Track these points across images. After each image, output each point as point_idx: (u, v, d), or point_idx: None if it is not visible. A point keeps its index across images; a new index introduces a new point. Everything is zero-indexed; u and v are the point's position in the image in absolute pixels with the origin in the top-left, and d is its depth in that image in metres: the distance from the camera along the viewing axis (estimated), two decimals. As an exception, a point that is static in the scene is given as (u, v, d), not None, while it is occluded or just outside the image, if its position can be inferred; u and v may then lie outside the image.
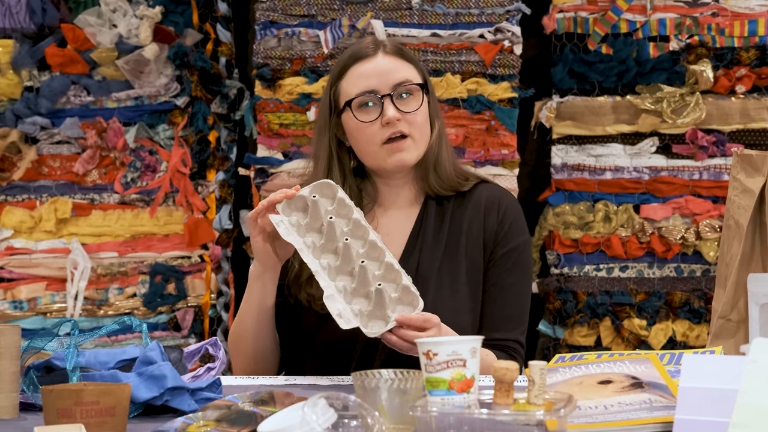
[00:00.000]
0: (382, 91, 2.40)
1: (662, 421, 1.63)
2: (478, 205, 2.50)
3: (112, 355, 2.03)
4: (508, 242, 2.47)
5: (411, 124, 2.41)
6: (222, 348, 2.25)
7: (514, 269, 2.47)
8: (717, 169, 3.86)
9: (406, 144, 2.41)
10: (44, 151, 4.02)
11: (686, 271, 3.89)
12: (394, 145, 2.40)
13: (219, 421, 1.68)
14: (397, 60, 2.44)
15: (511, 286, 2.46)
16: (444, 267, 2.45)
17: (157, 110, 3.99)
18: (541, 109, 3.89)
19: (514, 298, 2.46)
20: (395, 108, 2.39)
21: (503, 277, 2.46)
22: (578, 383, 1.82)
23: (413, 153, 2.42)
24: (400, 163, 2.42)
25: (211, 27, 3.99)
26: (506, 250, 2.47)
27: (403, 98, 2.41)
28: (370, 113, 2.41)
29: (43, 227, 3.98)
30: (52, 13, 3.97)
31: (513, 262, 2.47)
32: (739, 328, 3.22)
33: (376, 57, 2.44)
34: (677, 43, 3.87)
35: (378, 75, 2.41)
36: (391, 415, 1.64)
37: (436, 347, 1.60)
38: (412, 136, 2.41)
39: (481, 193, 2.52)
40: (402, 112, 2.39)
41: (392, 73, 2.41)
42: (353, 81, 2.43)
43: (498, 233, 2.47)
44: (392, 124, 2.39)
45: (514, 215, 2.50)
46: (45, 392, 1.66)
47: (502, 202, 2.50)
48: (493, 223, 2.48)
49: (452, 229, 2.48)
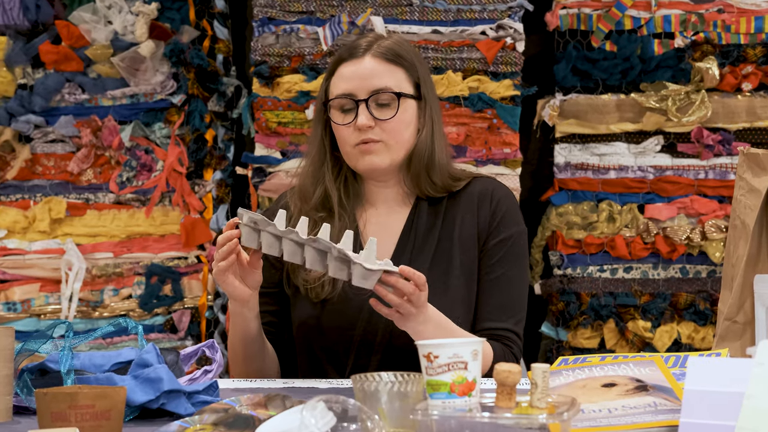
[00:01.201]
0: (359, 96, 2.44)
1: (667, 424, 1.63)
2: (472, 199, 2.52)
3: (107, 358, 2.02)
4: (501, 232, 2.49)
5: (384, 131, 2.44)
6: (219, 350, 2.25)
7: (505, 259, 2.48)
8: (723, 169, 3.86)
9: (377, 147, 2.44)
10: (38, 150, 4.02)
11: (692, 272, 3.89)
12: (364, 147, 2.44)
13: (216, 425, 1.68)
14: (384, 64, 2.47)
15: (503, 276, 2.48)
16: (436, 264, 2.46)
17: (153, 108, 3.98)
18: (544, 108, 3.89)
19: (505, 287, 2.48)
20: (369, 114, 2.42)
21: (495, 267, 2.48)
22: (582, 386, 1.81)
23: (385, 157, 2.45)
24: (370, 166, 2.46)
25: (208, 24, 3.99)
26: (498, 240, 2.49)
27: (379, 105, 2.44)
28: (346, 116, 2.45)
29: (37, 227, 3.98)
30: (46, 10, 3.97)
31: (505, 251, 2.49)
32: (746, 330, 3.24)
33: (362, 59, 2.47)
34: (682, 40, 3.87)
35: (358, 79, 2.45)
36: (392, 419, 1.63)
37: (437, 349, 1.60)
38: (385, 141, 2.44)
39: (474, 188, 2.54)
40: (376, 119, 2.42)
41: (372, 78, 2.44)
42: (337, 81, 2.49)
43: (491, 224, 2.50)
44: (363, 131, 2.43)
45: (507, 206, 2.53)
46: (39, 395, 1.65)
47: (495, 194, 2.53)
48: (486, 215, 2.50)
49: (445, 225, 2.50)
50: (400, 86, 2.46)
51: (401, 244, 2.48)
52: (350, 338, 2.41)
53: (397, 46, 2.50)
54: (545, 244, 3.98)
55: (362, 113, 2.42)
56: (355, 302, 2.41)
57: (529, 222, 3.98)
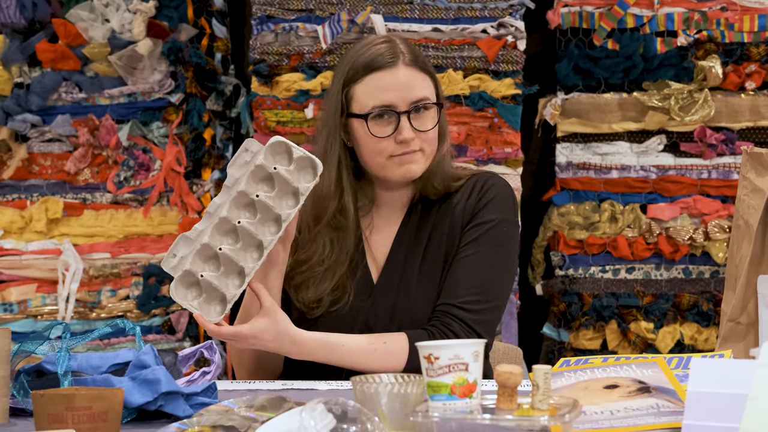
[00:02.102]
0: (400, 108, 2.38)
1: (670, 426, 1.62)
2: (465, 192, 2.48)
3: (104, 359, 2.01)
4: (480, 217, 2.42)
5: (423, 141, 2.40)
6: (217, 351, 2.24)
7: (480, 241, 2.39)
8: (726, 168, 3.87)
9: (417, 157, 2.40)
10: (35, 150, 4.02)
11: (694, 273, 3.89)
12: (405, 157, 2.39)
13: (214, 427, 1.66)
14: (417, 73, 2.42)
15: (472, 256, 2.38)
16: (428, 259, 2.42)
17: (150, 107, 3.99)
18: (546, 106, 3.90)
19: (472, 267, 2.37)
20: (411, 127, 2.38)
21: (465, 247, 2.40)
22: (584, 388, 1.80)
23: (422, 165, 2.42)
24: (408, 175, 2.41)
25: (206, 22, 3.99)
26: (476, 223, 2.42)
27: (419, 114, 2.40)
28: (384, 127, 2.38)
29: (34, 227, 3.98)
30: (43, 8, 3.97)
31: (480, 234, 2.40)
32: (749, 331, 3.22)
33: (396, 68, 2.40)
34: (685, 38, 3.88)
35: (397, 89, 2.39)
36: (392, 421, 1.62)
37: (437, 351, 1.58)
38: (423, 150, 2.41)
39: (469, 183, 2.50)
40: (417, 131, 2.38)
41: (411, 89, 2.39)
42: (371, 91, 2.40)
43: (474, 210, 2.44)
44: (407, 144, 2.38)
45: (495, 194, 2.45)
46: (36, 397, 1.65)
47: (486, 183, 2.47)
48: (473, 202, 2.45)
49: (439, 219, 2.46)
50: (434, 95, 2.44)
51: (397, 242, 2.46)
52: None
53: (419, 53, 2.48)
54: (547, 245, 3.99)
55: (406, 126, 2.36)
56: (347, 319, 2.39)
57: (530, 222, 4.00)
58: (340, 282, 2.38)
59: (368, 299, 2.39)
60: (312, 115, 3.79)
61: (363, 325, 2.39)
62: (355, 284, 2.40)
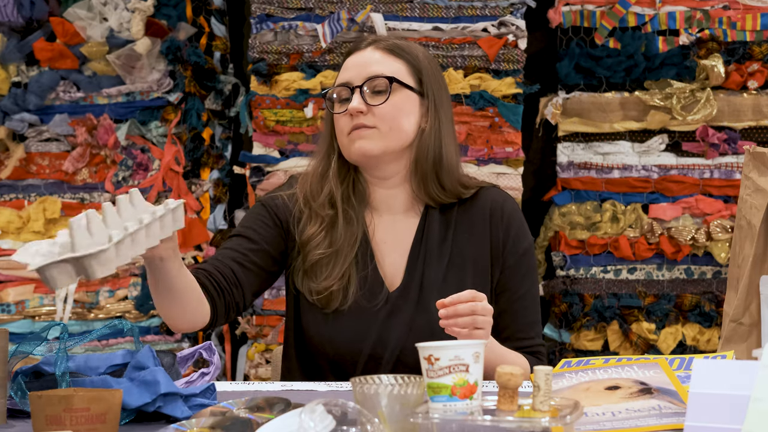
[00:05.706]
0: (355, 83, 2.43)
1: (672, 428, 1.63)
2: (483, 211, 2.50)
3: (102, 360, 2.01)
4: (517, 249, 2.50)
5: (377, 117, 2.41)
6: (216, 353, 2.23)
7: (527, 275, 2.51)
8: (728, 168, 3.87)
9: (369, 133, 2.41)
10: (32, 149, 4.02)
11: (697, 273, 3.89)
12: (356, 133, 2.41)
13: (213, 428, 1.67)
14: (383, 54, 2.47)
15: (528, 293, 2.50)
16: (449, 278, 2.44)
17: (149, 107, 3.99)
18: (547, 106, 3.89)
19: (530, 303, 2.50)
20: (362, 100, 2.41)
21: (519, 284, 2.49)
22: (585, 389, 1.80)
23: (377, 143, 2.41)
24: (360, 151, 2.41)
25: (205, 20, 4.00)
26: (517, 257, 2.50)
27: (375, 92, 2.42)
28: (342, 105, 2.44)
29: (32, 228, 3.97)
30: (41, 7, 3.97)
31: (526, 267, 2.51)
32: (752, 332, 3.23)
33: (364, 51, 2.48)
34: (687, 37, 3.88)
35: (356, 67, 2.45)
36: (392, 422, 1.61)
37: (437, 352, 1.59)
38: (378, 128, 2.41)
39: (485, 198, 2.52)
40: (369, 105, 2.40)
41: (369, 66, 2.44)
42: (339, 74, 2.49)
43: (505, 241, 2.49)
44: (355, 116, 2.41)
45: (518, 220, 2.54)
46: (33, 398, 1.65)
47: (505, 208, 2.52)
48: (498, 230, 2.49)
49: (457, 237, 2.48)
50: (396, 74, 2.44)
51: (413, 255, 2.45)
52: (359, 352, 2.37)
53: (401, 42, 2.51)
54: (548, 245, 3.99)
55: (355, 98, 2.40)
56: (368, 314, 2.38)
57: (531, 222, 3.97)
58: (345, 272, 2.39)
59: (384, 307, 2.39)
60: (311, 114, 3.79)
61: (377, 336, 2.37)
62: (362, 282, 2.40)
